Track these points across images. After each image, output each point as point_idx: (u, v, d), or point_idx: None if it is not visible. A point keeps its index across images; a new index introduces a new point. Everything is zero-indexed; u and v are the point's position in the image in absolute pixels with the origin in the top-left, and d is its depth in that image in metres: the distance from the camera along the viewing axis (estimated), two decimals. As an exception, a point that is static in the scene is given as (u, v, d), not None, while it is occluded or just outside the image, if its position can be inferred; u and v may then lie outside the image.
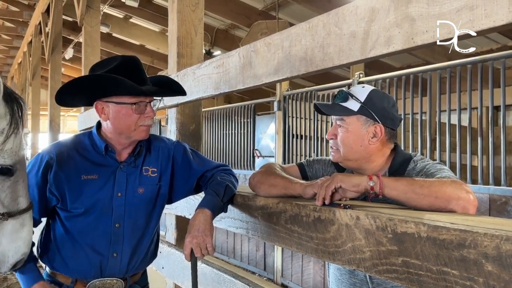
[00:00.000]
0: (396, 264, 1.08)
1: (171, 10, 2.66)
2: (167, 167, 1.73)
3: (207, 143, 7.09)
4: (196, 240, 1.50)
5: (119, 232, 1.65)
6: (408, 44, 1.12)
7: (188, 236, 1.52)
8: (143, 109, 1.59)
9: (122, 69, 1.56)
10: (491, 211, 3.34)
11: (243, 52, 1.82)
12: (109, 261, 1.65)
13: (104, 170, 1.64)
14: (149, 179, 1.70)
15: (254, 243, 5.78)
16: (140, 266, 1.76)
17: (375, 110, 1.47)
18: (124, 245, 1.66)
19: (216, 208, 1.61)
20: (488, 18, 0.95)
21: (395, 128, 1.53)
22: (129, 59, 1.62)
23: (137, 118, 1.59)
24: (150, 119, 1.62)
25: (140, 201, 1.67)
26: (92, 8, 6.65)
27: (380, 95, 1.52)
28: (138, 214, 1.68)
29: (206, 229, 1.52)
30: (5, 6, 11.43)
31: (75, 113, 18.23)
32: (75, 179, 1.61)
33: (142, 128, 1.61)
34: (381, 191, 1.26)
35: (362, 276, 1.50)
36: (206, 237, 1.50)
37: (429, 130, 3.79)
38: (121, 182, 1.65)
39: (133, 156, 1.67)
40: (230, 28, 9.64)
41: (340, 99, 1.50)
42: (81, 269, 1.64)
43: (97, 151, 1.65)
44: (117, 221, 1.65)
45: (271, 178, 1.59)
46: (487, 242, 0.90)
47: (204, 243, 1.50)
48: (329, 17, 1.36)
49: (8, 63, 17.15)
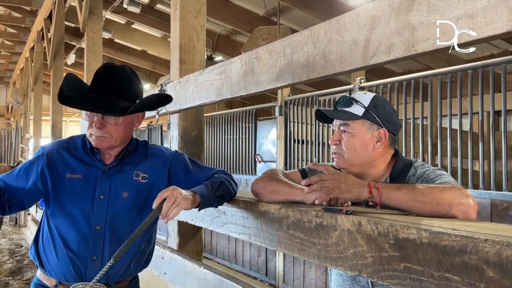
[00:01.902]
0: (398, 270, 1.09)
1: (173, 17, 2.68)
2: (162, 176, 1.72)
3: (208, 149, 7.10)
4: (175, 198, 1.43)
5: (100, 234, 1.63)
6: (409, 52, 1.13)
7: (169, 189, 1.46)
8: (91, 118, 1.59)
9: (97, 76, 1.61)
10: (492, 216, 3.34)
11: (245, 59, 1.83)
12: (88, 264, 1.63)
13: (89, 170, 1.65)
14: (137, 184, 1.68)
15: (256, 249, 5.77)
16: (125, 274, 1.72)
17: (379, 114, 1.49)
18: (105, 249, 1.64)
19: (206, 198, 1.57)
20: (488, 27, 0.96)
21: (396, 133, 1.55)
22: (109, 67, 1.64)
23: (88, 126, 1.60)
24: (96, 129, 1.58)
25: (123, 205, 1.65)
26: (95, 14, 6.69)
27: (382, 100, 1.55)
28: (121, 218, 1.66)
29: (186, 203, 1.46)
30: (7, 12, 11.49)
31: (77, 118, 18.26)
32: (59, 176, 1.63)
33: (92, 137, 1.61)
34: (380, 203, 1.28)
35: (364, 282, 1.50)
36: (180, 205, 1.44)
37: (430, 135, 3.80)
38: (104, 184, 1.64)
39: (117, 160, 1.66)
40: (231, 34, 9.67)
41: (344, 105, 1.51)
42: (61, 271, 1.63)
43: (86, 152, 1.67)
44: (98, 223, 1.63)
45: (273, 184, 1.59)
46: (488, 248, 0.91)
47: (176, 205, 1.43)
48: (330, 25, 1.38)
49: (10, 68, 17.21)
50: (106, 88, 1.59)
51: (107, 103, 1.57)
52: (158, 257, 2.62)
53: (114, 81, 1.61)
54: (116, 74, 1.61)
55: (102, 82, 1.60)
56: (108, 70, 1.62)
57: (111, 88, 1.59)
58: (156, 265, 2.62)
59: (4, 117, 19.10)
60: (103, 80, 1.60)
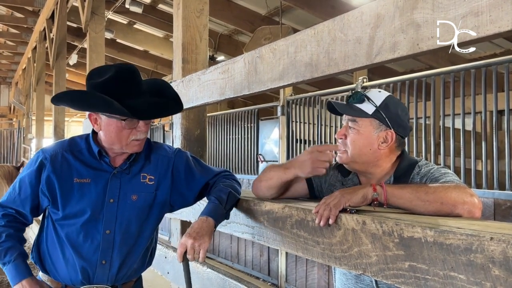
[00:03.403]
0: (403, 269, 1.09)
1: (176, 16, 2.68)
2: (166, 176, 1.70)
3: (210, 148, 7.10)
4: (192, 241, 1.46)
5: (109, 239, 1.61)
6: (413, 50, 1.13)
7: (185, 236, 1.48)
8: (135, 124, 1.56)
9: (116, 81, 1.53)
10: (496, 216, 3.33)
11: (248, 58, 1.83)
12: (97, 269, 1.61)
13: (97, 174, 1.62)
14: (145, 186, 1.66)
15: (258, 248, 5.77)
16: (132, 275, 1.72)
17: (389, 116, 1.47)
18: (114, 253, 1.62)
19: (219, 216, 1.59)
20: (493, 24, 0.96)
21: (406, 136, 1.53)
22: (124, 70, 1.56)
23: (128, 133, 1.56)
24: (143, 133, 1.58)
25: (133, 208, 1.64)
26: (97, 14, 6.70)
27: (396, 101, 1.52)
28: (131, 221, 1.64)
29: (206, 235, 1.49)
30: (9, 12, 11.51)
31: (80, 119, 18.30)
32: (67, 181, 1.59)
33: (134, 143, 1.59)
34: (386, 201, 1.26)
35: (368, 281, 1.50)
36: (203, 243, 1.47)
37: (433, 135, 3.79)
38: (114, 188, 1.62)
39: (128, 162, 1.65)
40: (233, 34, 9.67)
41: (356, 101, 1.50)
42: (68, 275, 1.62)
43: (92, 155, 1.63)
44: (108, 227, 1.61)
45: (267, 173, 1.63)
46: (494, 247, 0.90)
47: (199, 247, 1.46)
48: (334, 23, 1.37)
49: (13, 69, 17.24)
50: (138, 90, 1.57)
51: (160, 104, 1.62)
52: (161, 256, 2.62)
53: (137, 81, 1.59)
54: (135, 73, 1.59)
55: (135, 85, 1.56)
56: (129, 72, 1.58)
57: (139, 89, 1.58)
58: (159, 265, 2.62)
59: (6, 118, 19.14)
60: (134, 82, 1.57)
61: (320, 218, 1.28)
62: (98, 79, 1.55)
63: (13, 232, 1.63)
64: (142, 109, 1.54)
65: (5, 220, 1.63)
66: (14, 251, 1.60)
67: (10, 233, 1.62)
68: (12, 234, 1.63)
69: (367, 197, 1.27)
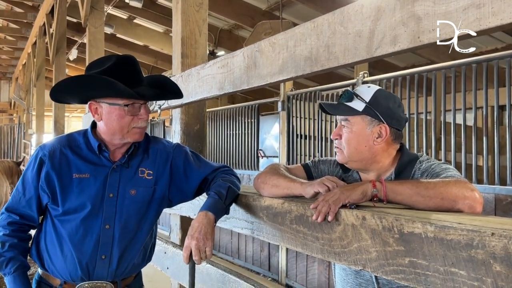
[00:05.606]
0: (403, 265, 1.08)
1: (175, 10, 2.66)
2: (164, 171, 1.70)
3: (211, 144, 7.09)
4: (196, 242, 1.46)
5: (109, 233, 1.61)
6: (414, 43, 1.11)
7: (188, 238, 1.48)
8: (136, 111, 1.57)
9: (117, 69, 1.53)
10: (496, 211, 3.33)
11: (248, 52, 1.81)
12: (96, 264, 1.61)
13: (96, 169, 1.61)
14: (143, 181, 1.66)
15: (259, 244, 5.77)
16: (132, 270, 1.72)
17: (380, 110, 1.45)
18: (114, 248, 1.62)
19: (219, 211, 1.58)
20: (495, 16, 0.94)
21: (401, 128, 1.51)
22: (124, 59, 1.58)
23: (130, 120, 1.57)
24: (144, 121, 1.59)
25: (132, 203, 1.64)
26: (96, 9, 6.67)
27: (386, 94, 1.50)
28: (130, 216, 1.64)
29: (208, 233, 1.48)
30: (9, 7, 11.49)
31: (80, 114, 18.28)
32: (66, 177, 1.59)
33: (135, 130, 1.59)
34: (386, 197, 1.25)
35: (368, 276, 1.49)
36: (207, 241, 1.47)
37: (434, 130, 3.78)
38: (114, 182, 1.62)
39: (127, 156, 1.64)
40: (233, 29, 9.65)
41: (345, 99, 1.49)
42: (68, 271, 1.61)
43: (90, 150, 1.62)
44: (107, 222, 1.61)
45: (274, 178, 1.58)
46: (495, 242, 0.89)
47: (204, 246, 1.46)
48: (334, 16, 1.36)
49: (13, 64, 17.23)
50: (138, 79, 1.60)
51: (155, 93, 1.65)
52: (160, 252, 2.61)
53: (137, 70, 1.61)
54: (135, 62, 1.62)
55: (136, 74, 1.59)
56: (129, 61, 1.60)
57: (139, 78, 1.61)
58: (159, 260, 2.61)
59: (7, 113, 19.15)
60: (135, 70, 1.60)
61: (318, 214, 1.27)
62: (98, 69, 1.55)
63: (17, 242, 1.62)
64: (145, 92, 1.57)
65: (10, 228, 1.62)
66: (15, 262, 1.59)
67: (13, 243, 1.61)
68: (15, 244, 1.62)
69: (366, 193, 1.26)
